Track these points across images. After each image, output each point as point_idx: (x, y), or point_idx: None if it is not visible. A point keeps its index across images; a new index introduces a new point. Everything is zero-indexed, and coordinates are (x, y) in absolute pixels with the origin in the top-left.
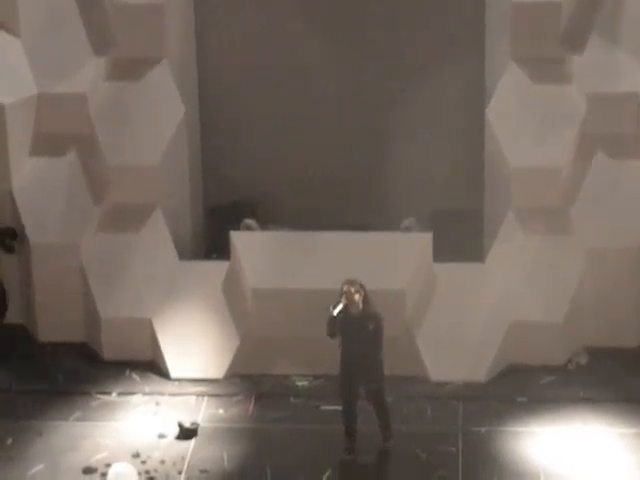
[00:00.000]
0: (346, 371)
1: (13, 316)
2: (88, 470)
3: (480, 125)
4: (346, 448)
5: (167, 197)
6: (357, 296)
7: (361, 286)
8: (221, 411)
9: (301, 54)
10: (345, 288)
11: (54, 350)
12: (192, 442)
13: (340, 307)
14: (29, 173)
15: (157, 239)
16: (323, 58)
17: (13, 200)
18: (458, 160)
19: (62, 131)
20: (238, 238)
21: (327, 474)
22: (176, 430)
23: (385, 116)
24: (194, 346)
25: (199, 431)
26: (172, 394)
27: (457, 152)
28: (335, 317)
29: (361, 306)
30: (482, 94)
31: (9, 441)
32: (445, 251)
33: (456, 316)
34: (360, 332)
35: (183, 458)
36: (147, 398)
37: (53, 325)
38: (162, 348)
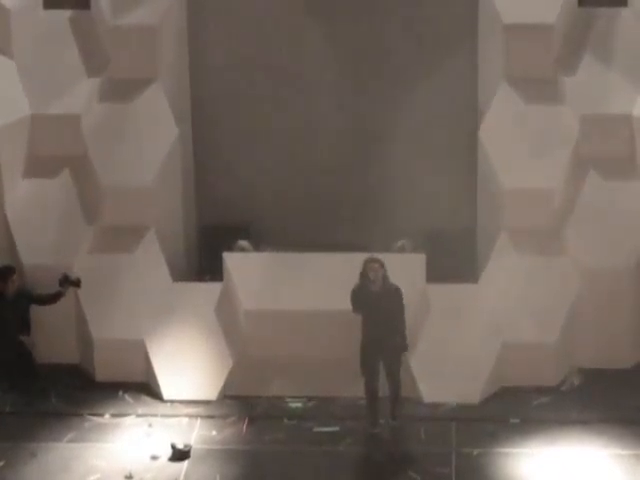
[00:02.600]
0: (368, 347)
1: None
2: None
3: (473, 146)
4: (371, 423)
5: (160, 218)
6: (380, 273)
7: (382, 264)
8: (214, 433)
9: (296, 75)
10: (369, 265)
11: (47, 371)
12: (185, 464)
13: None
14: (22, 194)
15: (150, 260)
16: (318, 80)
17: (6, 221)
18: (451, 181)
19: (55, 152)
20: (231, 259)
21: None
22: (169, 452)
23: (379, 138)
24: (187, 367)
25: (192, 453)
26: (165, 415)
27: (450, 173)
28: (356, 293)
29: (381, 283)
30: (475, 114)
31: (2, 463)
32: (438, 272)
33: (449, 337)
34: (381, 308)
35: None
36: (140, 419)
37: (46, 346)
38: (155, 369)
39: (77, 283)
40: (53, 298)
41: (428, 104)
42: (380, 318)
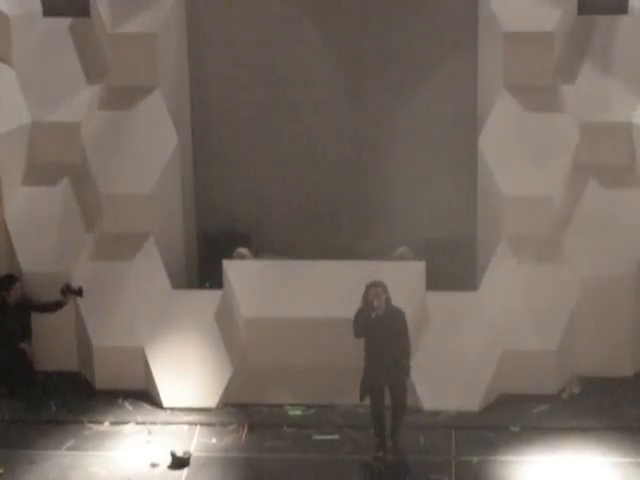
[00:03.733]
0: (372, 371)
1: None
2: None
3: (473, 154)
4: (375, 447)
5: (160, 225)
6: (383, 297)
7: (385, 287)
8: (214, 440)
9: (294, 86)
10: (372, 290)
11: (47, 379)
12: (184, 471)
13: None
14: (22, 202)
15: (150, 267)
16: (318, 89)
17: (6, 228)
18: (451, 189)
19: (55, 160)
20: (231, 267)
21: None
22: (168, 459)
23: (378, 146)
24: (187, 375)
25: (191, 460)
26: (165, 423)
27: (450, 181)
28: (359, 318)
29: (384, 306)
30: (475, 122)
31: (1, 470)
32: (438, 279)
33: (449, 345)
34: (385, 331)
35: None
36: (139, 427)
37: (46, 354)
38: (155, 377)
39: (79, 292)
40: (55, 306)
41: (428, 112)
42: (383, 342)
